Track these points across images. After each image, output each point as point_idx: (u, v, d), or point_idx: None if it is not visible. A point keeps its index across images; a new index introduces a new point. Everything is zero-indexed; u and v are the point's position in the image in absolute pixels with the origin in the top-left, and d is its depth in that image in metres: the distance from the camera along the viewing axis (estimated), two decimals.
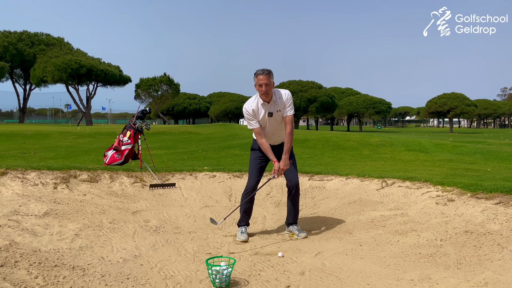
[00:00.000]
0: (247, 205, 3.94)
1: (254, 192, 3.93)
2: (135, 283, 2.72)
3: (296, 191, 3.92)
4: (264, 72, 3.65)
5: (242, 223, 3.93)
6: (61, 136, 20.47)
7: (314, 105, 49.48)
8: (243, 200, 3.92)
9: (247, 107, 3.83)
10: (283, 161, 3.79)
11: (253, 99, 3.83)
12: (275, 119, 3.82)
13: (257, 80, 3.67)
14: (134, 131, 6.60)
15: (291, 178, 3.91)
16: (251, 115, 3.80)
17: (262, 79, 3.64)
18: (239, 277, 2.86)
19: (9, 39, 43.11)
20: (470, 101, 52.79)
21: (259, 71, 3.68)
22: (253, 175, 3.93)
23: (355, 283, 2.74)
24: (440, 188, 4.70)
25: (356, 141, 14.65)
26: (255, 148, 3.99)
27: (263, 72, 3.66)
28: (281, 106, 3.79)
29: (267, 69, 3.69)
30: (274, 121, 3.83)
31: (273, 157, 3.81)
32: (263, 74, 3.64)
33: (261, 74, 3.65)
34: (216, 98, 72.15)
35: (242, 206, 3.94)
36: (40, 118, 77.77)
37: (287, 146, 3.81)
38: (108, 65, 43.38)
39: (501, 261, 2.93)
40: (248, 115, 3.82)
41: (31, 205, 4.22)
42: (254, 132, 3.87)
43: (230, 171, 6.22)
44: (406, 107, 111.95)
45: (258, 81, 3.67)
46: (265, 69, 3.68)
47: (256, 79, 3.69)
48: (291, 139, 3.83)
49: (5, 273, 2.62)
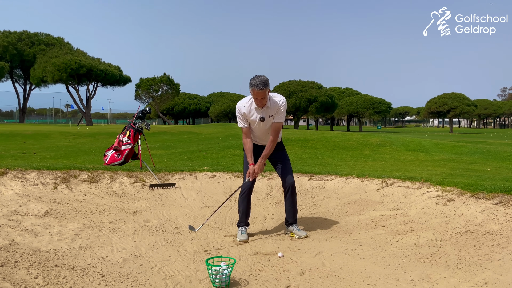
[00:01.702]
0: (245, 206, 3.93)
1: (251, 192, 3.94)
2: (135, 283, 2.72)
3: (292, 191, 3.94)
4: (260, 88, 3.53)
5: (242, 224, 3.94)
6: (61, 136, 20.47)
7: (314, 105, 49.46)
8: (241, 202, 3.93)
9: (240, 107, 3.80)
10: (258, 165, 3.80)
11: (247, 100, 3.79)
12: (266, 124, 3.81)
13: (253, 93, 3.61)
14: (134, 131, 6.60)
15: (287, 179, 3.93)
16: (242, 116, 3.81)
17: (258, 93, 3.57)
18: (239, 277, 2.86)
19: (9, 39, 43.10)
20: (470, 101, 52.76)
21: (255, 84, 3.55)
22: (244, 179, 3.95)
23: (355, 283, 2.74)
24: (440, 188, 4.70)
25: (356, 141, 14.65)
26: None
27: (259, 88, 3.53)
28: (273, 112, 3.76)
29: (263, 82, 3.54)
30: (265, 126, 3.82)
31: (251, 159, 3.82)
32: (259, 90, 3.54)
33: (257, 89, 3.54)
34: (216, 98, 72.14)
35: (240, 207, 3.95)
36: (40, 118, 77.75)
37: (266, 152, 3.82)
38: (108, 65, 43.37)
39: (501, 261, 2.93)
40: (239, 114, 3.82)
41: (31, 205, 4.22)
42: (243, 132, 3.87)
43: (230, 171, 6.22)
44: (406, 107, 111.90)
45: (254, 95, 3.62)
46: (261, 83, 3.53)
47: (251, 91, 3.62)
48: (272, 147, 3.83)
49: (5, 273, 2.62)
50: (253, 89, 3.57)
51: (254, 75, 3.63)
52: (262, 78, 3.56)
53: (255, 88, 3.56)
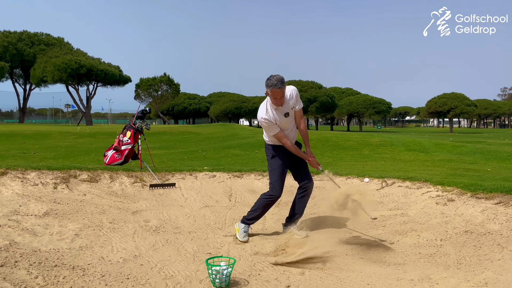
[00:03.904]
0: (266, 210, 3.94)
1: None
2: (135, 283, 2.72)
3: (310, 191, 4.02)
4: (279, 87, 3.51)
5: (251, 222, 3.90)
6: (61, 136, 20.47)
7: (314, 105, 49.48)
8: (266, 205, 3.88)
9: (264, 116, 3.70)
10: (312, 154, 3.89)
11: (264, 107, 3.73)
12: (291, 116, 3.81)
13: (272, 93, 3.56)
14: (134, 131, 6.60)
15: (310, 178, 4.02)
16: (271, 123, 3.71)
17: (276, 93, 3.54)
18: (239, 277, 2.86)
19: (9, 39, 43.09)
20: (470, 101, 52.74)
21: (273, 84, 3.52)
22: (280, 183, 3.86)
23: (355, 283, 2.74)
24: (440, 188, 4.70)
25: (356, 141, 14.65)
26: (276, 154, 3.89)
27: (277, 87, 3.50)
28: (292, 102, 3.76)
29: (280, 80, 3.51)
30: (290, 119, 3.81)
31: (304, 155, 3.86)
32: (278, 89, 3.51)
33: (276, 88, 3.51)
34: (216, 98, 72.12)
35: (262, 209, 3.89)
36: (40, 118, 77.75)
37: (307, 140, 3.94)
38: (108, 65, 43.37)
39: (501, 261, 2.93)
40: (267, 123, 3.71)
41: (31, 205, 4.22)
42: (278, 137, 3.76)
43: (230, 171, 6.21)
44: (406, 107, 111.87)
45: (274, 95, 3.57)
46: (278, 82, 3.51)
47: (270, 92, 3.57)
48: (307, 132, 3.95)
49: (5, 273, 2.62)
50: (272, 89, 3.53)
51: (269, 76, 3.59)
52: (278, 77, 3.54)
53: (273, 88, 3.52)
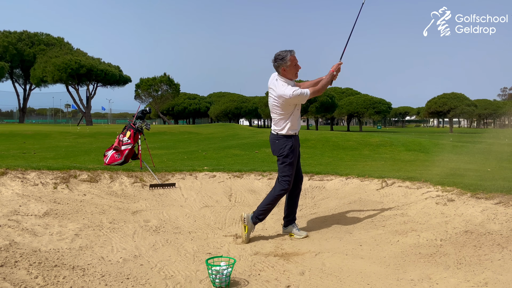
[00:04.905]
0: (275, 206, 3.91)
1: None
2: (135, 283, 2.72)
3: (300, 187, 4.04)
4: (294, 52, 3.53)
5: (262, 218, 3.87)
6: (61, 136, 20.47)
7: (314, 105, 49.46)
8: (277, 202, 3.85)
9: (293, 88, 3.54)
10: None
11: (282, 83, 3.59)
12: None
13: (292, 61, 3.52)
14: (134, 131, 6.60)
15: (301, 175, 4.02)
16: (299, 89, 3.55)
17: (296, 58, 3.53)
18: (239, 277, 2.86)
19: (9, 39, 43.11)
20: (470, 101, 52.73)
21: (289, 51, 3.51)
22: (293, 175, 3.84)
23: (355, 283, 2.74)
24: (440, 188, 4.70)
25: (356, 141, 14.65)
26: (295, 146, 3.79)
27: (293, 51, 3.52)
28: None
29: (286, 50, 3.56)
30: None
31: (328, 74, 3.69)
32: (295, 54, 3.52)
33: (293, 53, 3.51)
34: (216, 98, 72.17)
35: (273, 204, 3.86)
36: (40, 118, 77.78)
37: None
38: (108, 65, 43.40)
39: (501, 261, 2.93)
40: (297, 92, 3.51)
41: (31, 205, 4.22)
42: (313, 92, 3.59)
43: (230, 171, 6.21)
44: (406, 107, 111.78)
45: (294, 61, 3.54)
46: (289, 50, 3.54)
47: (291, 59, 3.51)
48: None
49: (5, 273, 2.62)
50: (291, 56, 3.52)
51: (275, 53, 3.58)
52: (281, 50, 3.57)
53: (291, 54, 3.52)
